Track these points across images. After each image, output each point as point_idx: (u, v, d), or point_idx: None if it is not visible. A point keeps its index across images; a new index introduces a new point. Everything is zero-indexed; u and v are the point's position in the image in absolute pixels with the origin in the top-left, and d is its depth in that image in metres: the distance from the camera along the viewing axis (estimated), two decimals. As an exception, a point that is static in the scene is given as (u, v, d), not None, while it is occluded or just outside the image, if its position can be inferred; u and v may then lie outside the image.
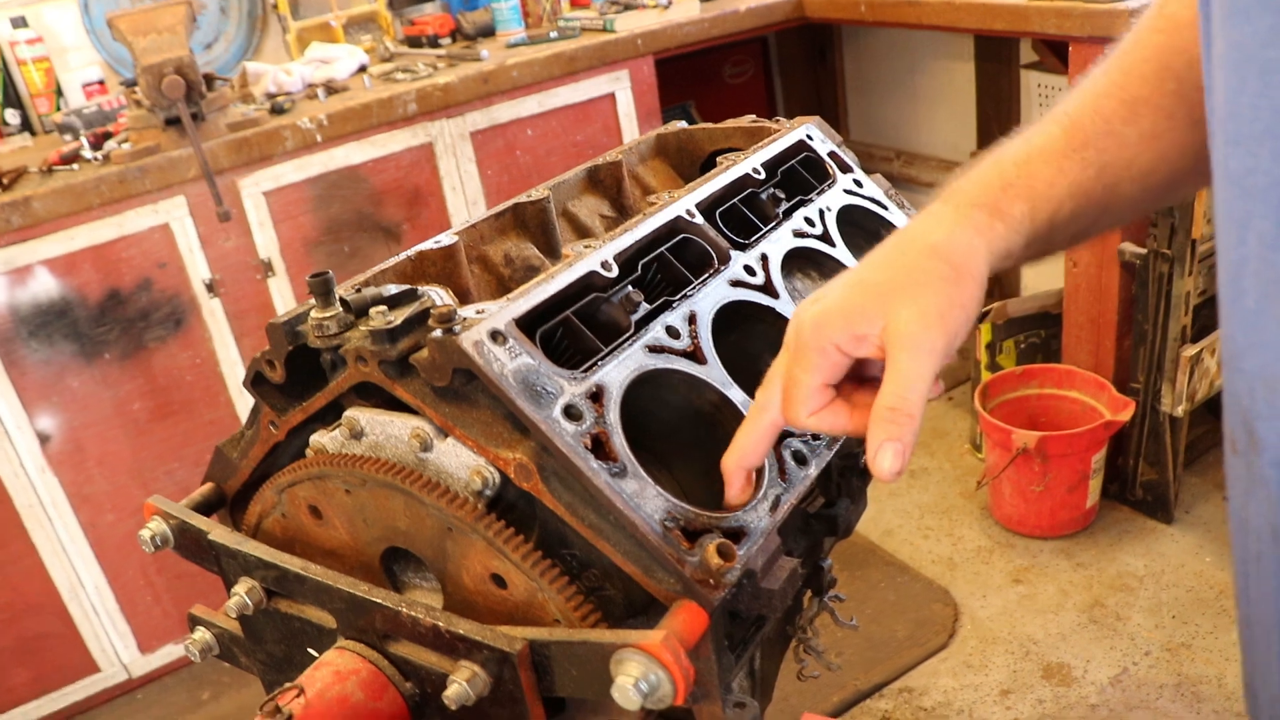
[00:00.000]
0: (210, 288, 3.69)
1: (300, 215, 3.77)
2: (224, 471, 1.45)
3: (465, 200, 4.00)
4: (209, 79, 3.57)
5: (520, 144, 4.07)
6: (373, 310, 1.14)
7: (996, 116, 5.02)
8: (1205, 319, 3.65)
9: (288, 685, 1.16)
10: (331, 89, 3.98)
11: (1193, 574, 3.63)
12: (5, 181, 3.41)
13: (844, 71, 6.05)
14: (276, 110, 3.75)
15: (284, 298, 3.83)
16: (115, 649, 3.99)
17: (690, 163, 1.84)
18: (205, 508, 1.47)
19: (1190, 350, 3.50)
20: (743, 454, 1.11)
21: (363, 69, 4.29)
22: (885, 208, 1.71)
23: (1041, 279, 4.86)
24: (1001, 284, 4.97)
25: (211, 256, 3.66)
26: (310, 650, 1.29)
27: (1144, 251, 3.49)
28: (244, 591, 1.27)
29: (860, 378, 1.06)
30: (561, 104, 4.13)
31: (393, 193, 3.89)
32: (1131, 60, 1.13)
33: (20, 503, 3.65)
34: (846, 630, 1.90)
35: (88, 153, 3.55)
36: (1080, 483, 3.75)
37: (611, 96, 4.26)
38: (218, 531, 1.31)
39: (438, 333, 1.07)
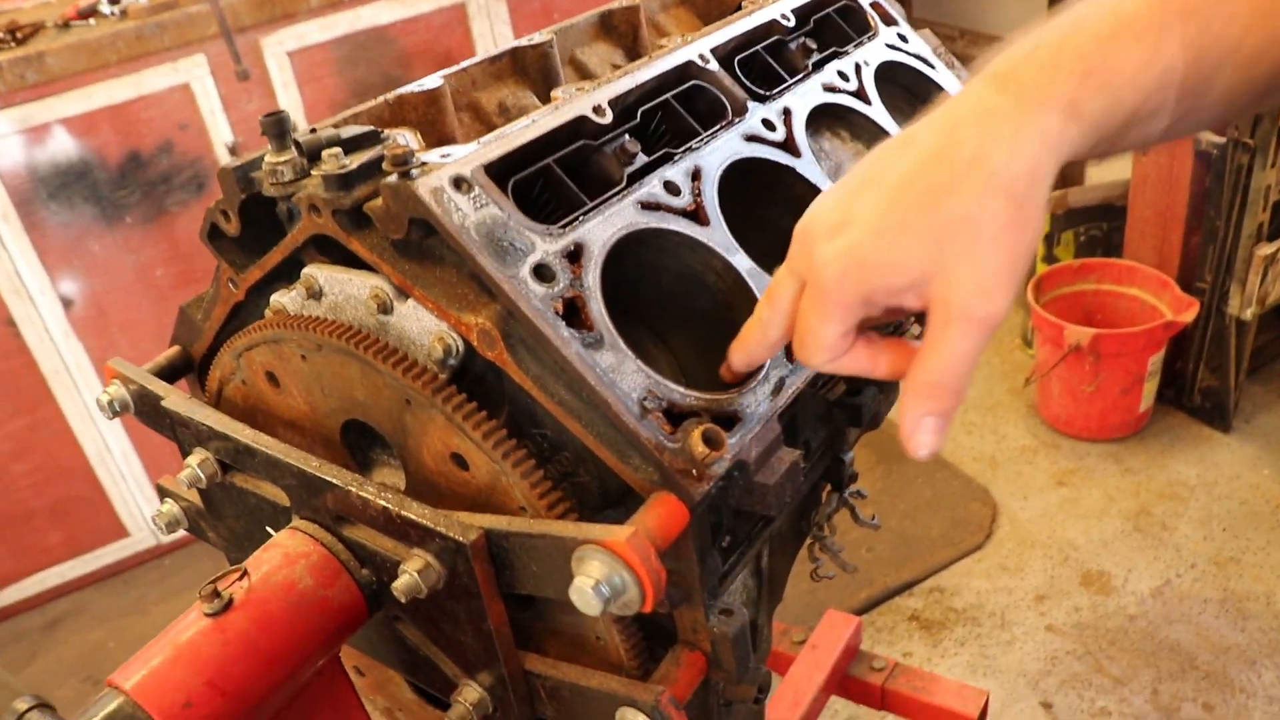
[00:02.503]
0: (233, 151, 3.56)
1: (325, 77, 3.61)
2: (189, 334, 1.34)
3: (500, 68, 3.82)
4: (230, -71, 3.38)
5: (559, 6, 3.86)
6: (326, 153, 1.00)
7: (1070, -6, 4.70)
8: (1278, 215, 3.41)
9: (232, 568, 1.05)
10: (363, -55, 3.78)
11: (1248, 486, 3.46)
12: (20, 36, 3.28)
13: (910, -56, 5.71)
14: (303, -35, 3.56)
15: (311, 165, 3.70)
16: (143, 514, 3.99)
17: (720, 11, 1.66)
18: (171, 372, 1.36)
19: (1266, 249, 3.27)
20: (748, 357, 0.98)
21: (397, -75, 4.07)
22: (933, 67, 1.53)
23: (1106, 168, 4.60)
24: (1063, 172, 4.72)
25: (234, 119, 3.53)
26: (268, 529, 1.19)
27: (1222, 140, 3.24)
28: (196, 464, 1.16)
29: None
30: (605, -34, 3.91)
31: (423, 56, 3.71)
32: None
33: (46, 368, 3.60)
34: (870, 527, 1.78)
35: (105, 7, 3.40)
36: (1134, 385, 3.56)
37: (660, -42, 4.01)
38: (173, 398, 1.20)
39: (393, 178, 0.93)
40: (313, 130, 1.07)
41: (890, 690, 2.28)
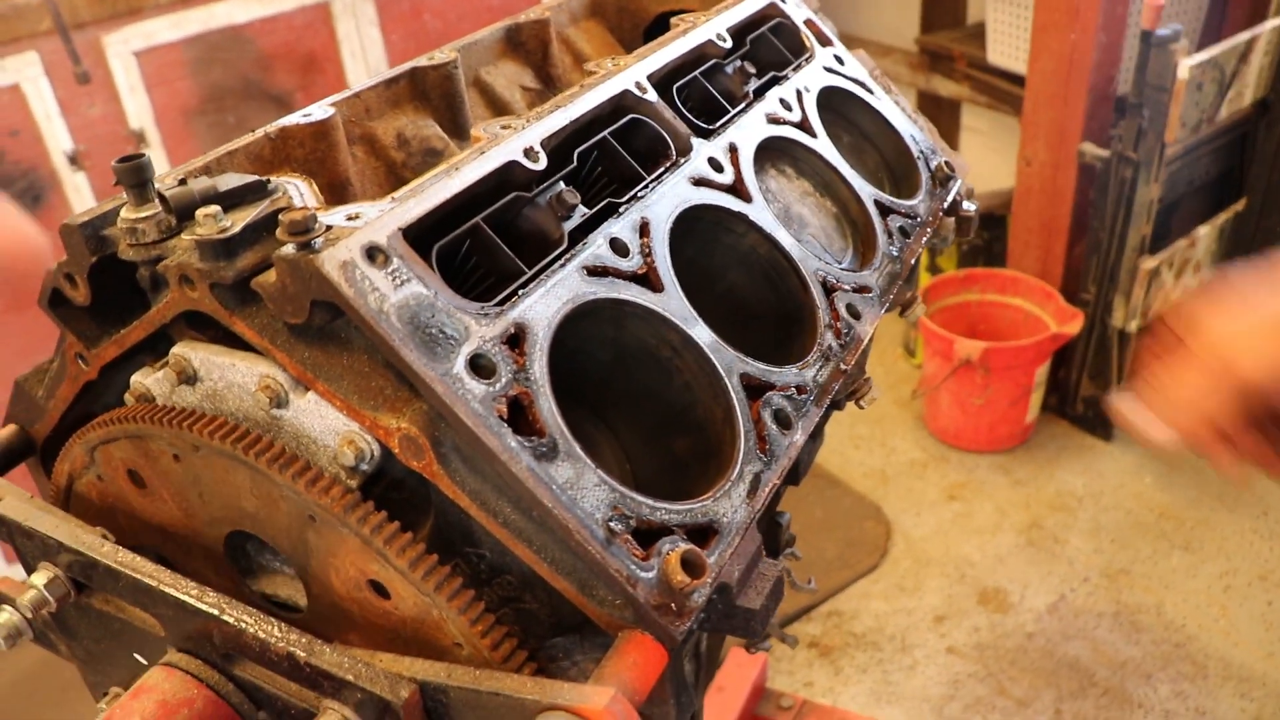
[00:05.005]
0: (74, 160, 3.25)
1: (177, 80, 3.32)
2: (29, 412, 1.12)
3: (367, 68, 3.58)
4: (65, -84, 3.07)
5: (430, 7, 3.64)
6: (201, 212, 0.81)
7: (943, 0, 4.69)
8: (1159, 227, 3.43)
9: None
10: (213, -64, 3.50)
11: (1132, 495, 3.47)
12: None
13: (781, -55, 5.65)
14: (147, -43, 3.27)
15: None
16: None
17: (632, 25, 1.51)
18: (6, 456, 1.13)
19: (1150, 262, 3.27)
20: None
21: (251, -85, 3.79)
22: (871, 92, 1.41)
23: (983, 180, 4.61)
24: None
25: (74, 124, 3.21)
26: (137, 656, 0.98)
27: (1106, 154, 3.23)
28: (43, 583, 0.95)
29: None
30: (477, -36, 3.71)
31: (284, 58, 3.45)
32: None
33: None
34: (807, 592, 1.66)
35: (-79, -2, 3.05)
36: (1022, 396, 3.54)
37: (533, -42, 3.84)
38: (9, 500, 0.98)
39: (289, 248, 0.75)
40: (182, 181, 0.87)
41: (802, 731, 2.18)
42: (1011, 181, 3.75)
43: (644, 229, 0.95)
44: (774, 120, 1.21)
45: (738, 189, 1.08)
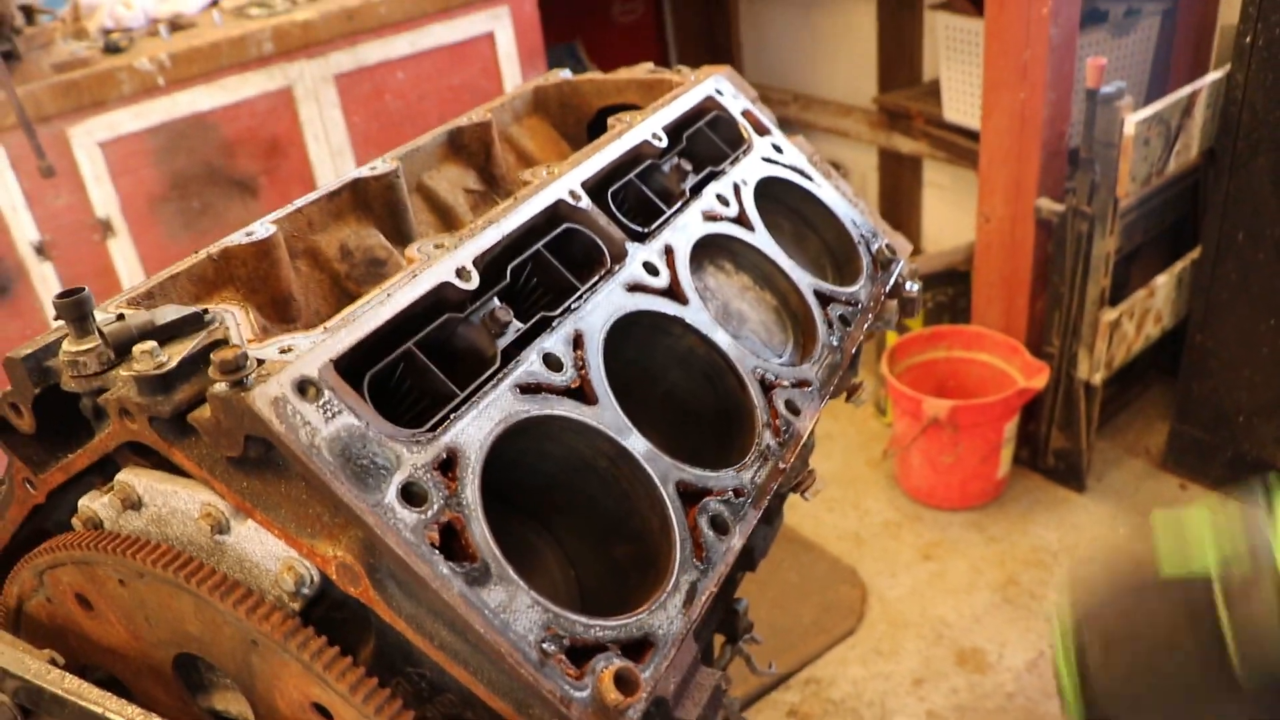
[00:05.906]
0: (40, 250, 3.27)
1: (142, 169, 3.35)
2: (-21, 531, 1.13)
3: (330, 150, 3.62)
4: (28, 11, 3.13)
5: (391, 88, 3.69)
6: (138, 348, 0.83)
7: (899, 60, 4.79)
8: (1119, 277, 3.48)
9: None
10: (177, 25, 3.55)
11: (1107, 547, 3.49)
12: None
13: (739, 10, 5.75)
14: (110, 49, 3.31)
15: (127, 261, 3.41)
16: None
17: (575, 120, 1.54)
18: (-43, 575, 1.14)
19: (1110, 314, 3.32)
20: None
21: (214, 3, 3.85)
22: (810, 179, 1.44)
23: (947, 234, 4.68)
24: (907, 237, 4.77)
25: (40, 215, 3.24)
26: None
27: (1062, 209, 3.28)
28: (-11, 709, 0.96)
29: None
30: (435, 44, 3.76)
31: (247, 143, 3.49)
32: None
33: None
34: (767, 675, 1.67)
35: (-115, 97, 3.08)
36: (992, 453, 3.57)
37: (490, 35, 3.89)
38: (-43, 624, 1.00)
39: (222, 386, 0.77)
40: (120, 316, 0.89)
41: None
42: (966, 236, 3.80)
43: (578, 341, 0.98)
44: (710, 217, 1.24)
45: (674, 291, 1.11)
